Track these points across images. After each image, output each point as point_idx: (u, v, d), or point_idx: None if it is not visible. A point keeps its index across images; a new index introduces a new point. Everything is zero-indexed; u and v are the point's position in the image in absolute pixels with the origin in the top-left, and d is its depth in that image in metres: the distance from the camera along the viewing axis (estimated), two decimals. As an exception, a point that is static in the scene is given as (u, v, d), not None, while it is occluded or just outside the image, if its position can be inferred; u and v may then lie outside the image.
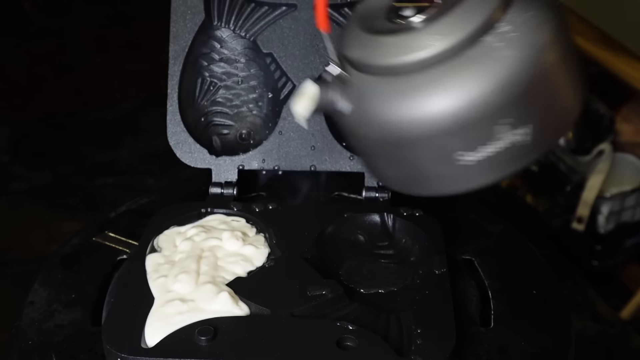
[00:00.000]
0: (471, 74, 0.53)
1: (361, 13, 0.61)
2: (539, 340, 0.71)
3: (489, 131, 0.53)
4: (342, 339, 0.65)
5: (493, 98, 0.52)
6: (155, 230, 0.79)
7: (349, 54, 0.59)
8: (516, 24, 0.53)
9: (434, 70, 0.54)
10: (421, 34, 0.54)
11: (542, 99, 0.53)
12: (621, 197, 1.76)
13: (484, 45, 0.53)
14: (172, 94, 0.86)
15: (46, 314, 0.74)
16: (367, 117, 0.57)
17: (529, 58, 0.52)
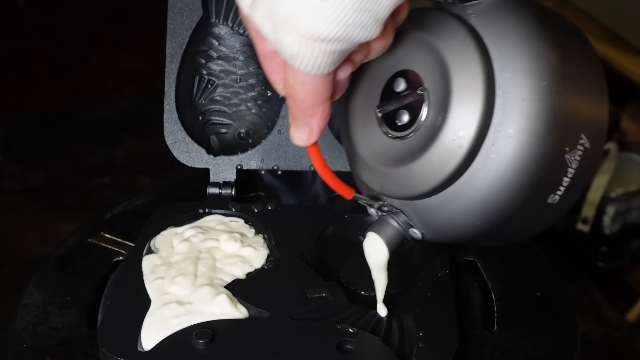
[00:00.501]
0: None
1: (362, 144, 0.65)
2: (543, 343, 0.71)
3: (563, 165, 0.57)
4: (343, 342, 0.65)
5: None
6: (152, 231, 0.79)
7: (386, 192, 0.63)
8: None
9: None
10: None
11: (578, 115, 0.58)
12: (627, 198, 1.76)
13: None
14: (169, 92, 0.86)
15: (41, 317, 0.74)
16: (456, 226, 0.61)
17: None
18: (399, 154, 0.61)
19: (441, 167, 0.58)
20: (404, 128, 0.61)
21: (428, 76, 0.59)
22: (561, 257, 1.85)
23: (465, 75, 0.57)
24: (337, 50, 0.53)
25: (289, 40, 0.52)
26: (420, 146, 0.59)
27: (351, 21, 0.51)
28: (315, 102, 0.57)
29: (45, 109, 2.48)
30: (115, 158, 2.26)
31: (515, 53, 0.56)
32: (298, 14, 0.51)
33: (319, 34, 0.52)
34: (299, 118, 0.59)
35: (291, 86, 0.57)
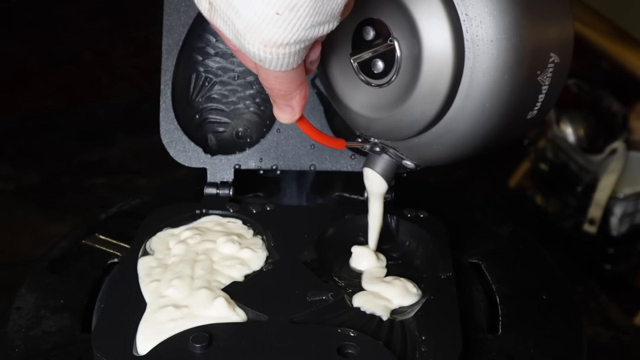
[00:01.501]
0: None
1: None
2: (549, 347, 0.71)
3: (537, 86, 0.62)
4: (343, 347, 0.65)
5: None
6: (147, 232, 0.79)
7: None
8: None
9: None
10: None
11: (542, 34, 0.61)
12: (635, 198, 1.76)
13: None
14: (165, 90, 0.87)
15: (34, 320, 0.74)
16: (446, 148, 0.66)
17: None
18: (382, 101, 0.65)
19: (423, 112, 0.62)
20: (380, 76, 0.64)
21: (395, 26, 0.62)
22: (567, 259, 1.85)
23: (431, 24, 0.59)
24: (301, 48, 0.57)
25: (253, 49, 0.56)
26: (401, 94, 0.63)
27: (309, 24, 0.55)
28: (292, 88, 0.62)
29: (38, 107, 2.48)
30: (110, 157, 2.26)
31: (480, 5, 0.58)
32: (257, 26, 0.54)
33: (281, 42, 0.55)
34: (279, 103, 0.64)
35: (265, 79, 0.61)
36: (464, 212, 0.88)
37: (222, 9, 0.56)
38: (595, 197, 1.78)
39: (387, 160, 0.71)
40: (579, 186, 1.85)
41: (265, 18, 0.54)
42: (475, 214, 0.88)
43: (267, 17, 0.54)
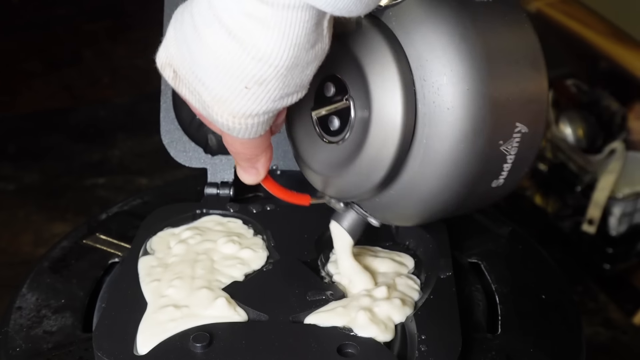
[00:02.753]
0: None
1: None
2: (548, 347, 0.71)
3: (500, 155, 0.59)
4: (343, 346, 0.65)
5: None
6: (148, 232, 0.79)
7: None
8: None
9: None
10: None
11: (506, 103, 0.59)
12: (634, 198, 1.76)
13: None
14: (165, 90, 0.86)
15: (35, 320, 0.74)
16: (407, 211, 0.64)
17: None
18: (334, 160, 0.64)
19: (370, 174, 0.61)
20: (335, 133, 0.63)
21: (352, 84, 0.61)
22: (566, 259, 1.85)
23: (384, 87, 0.58)
24: (269, 117, 0.57)
25: (221, 119, 0.56)
26: (350, 154, 0.62)
27: (277, 97, 0.54)
28: (257, 152, 0.62)
29: (39, 107, 2.48)
30: (111, 157, 2.26)
31: (434, 59, 0.57)
32: (225, 99, 0.54)
33: (249, 113, 0.55)
34: (243, 165, 0.64)
35: (231, 144, 0.61)
36: (463, 212, 0.88)
37: (188, 80, 0.56)
38: (594, 197, 1.78)
39: (353, 215, 0.69)
40: (578, 186, 1.85)
41: (234, 91, 0.53)
42: (474, 214, 0.88)
43: (236, 90, 0.53)
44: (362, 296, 0.70)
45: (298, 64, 0.53)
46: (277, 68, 0.52)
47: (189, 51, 0.54)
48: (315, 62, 0.54)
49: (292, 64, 0.52)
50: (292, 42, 0.51)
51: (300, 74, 0.54)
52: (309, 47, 0.52)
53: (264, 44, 0.51)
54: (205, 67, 0.54)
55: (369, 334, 0.66)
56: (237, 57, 0.52)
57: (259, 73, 0.52)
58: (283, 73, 0.53)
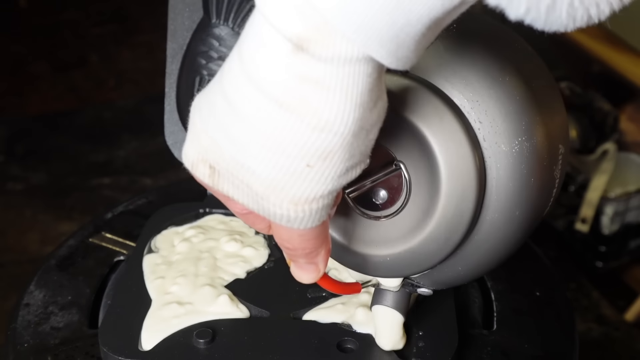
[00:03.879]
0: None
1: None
2: (542, 342, 0.71)
3: (552, 180, 0.56)
4: (343, 342, 0.65)
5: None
6: (152, 230, 0.79)
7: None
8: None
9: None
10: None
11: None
12: (626, 198, 1.76)
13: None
14: (169, 92, 0.86)
15: (42, 316, 0.74)
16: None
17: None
18: (391, 235, 0.56)
19: (448, 236, 0.54)
20: (385, 206, 0.55)
21: (398, 147, 0.54)
22: (560, 257, 1.85)
23: (444, 138, 0.52)
24: (333, 198, 0.47)
25: (280, 210, 0.46)
26: (416, 222, 0.54)
27: (344, 170, 0.45)
28: (317, 244, 0.51)
29: (46, 109, 2.48)
30: (116, 158, 2.26)
31: (486, 98, 0.53)
32: (282, 185, 0.45)
33: (314, 196, 0.45)
34: (301, 262, 0.53)
35: (288, 240, 0.50)
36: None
37: (231, 173, 0.46)
38: (587, 196, 1.78)
39: (399, 293, 0.62)
40: (571, 186, 1.85)
41: (294, 173, 0.44)
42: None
43: (296, 172, 0.44)
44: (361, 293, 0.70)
45: (364, 127, 0.44)
46: (343, 135, 0.43)
47: (229, 137, 0.45)
48: (378, 123, 0.45)
49: (358, 128, 0.43)
50: (357, 102, 0.42)
51: (365, 138, 0.45)
52: (372, 106, 0.44)
53: (325, 109, 0.42)
54: (253, 152, 0.44)
55: (367, 330, 0.66)
56: (294, 130, 0.43)
57: (323, 145, 0.43)
58: (349, 141, 0.44)
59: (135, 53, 2.76)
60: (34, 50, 2.76)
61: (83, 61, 2.74)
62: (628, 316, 1.73)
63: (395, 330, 0.63)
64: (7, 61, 2.71)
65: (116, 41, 2.85)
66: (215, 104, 0.45)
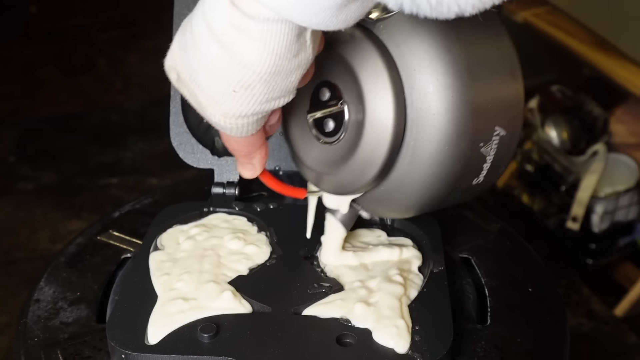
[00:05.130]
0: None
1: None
2: (534, 337, 0.71)
3: (480, 157, 0.61)
4: (342, 336, 0.65)
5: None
6: (158, 229, 0.79)
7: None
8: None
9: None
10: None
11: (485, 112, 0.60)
12: (615, 197, 1.76)
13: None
14: (175, 95, 0.86)
15: (52, 312, 0.74)
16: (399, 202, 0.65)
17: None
18: (329, 158, 0.65)
19: (363, 173, 0.62)
20: (330, 134, 0.64)
21: (347, 90, 0.62)
22: (552, 255, 1.85)
23: (377, 94, 0.59)
24: (258, 118, 0.58)
25: (214, 119, 0.58)
26: (345, 154, 0.63)
27: (264, 100, 0.56)
28: (252, 150, 0.63)
29: (56, 112, 2.48)
30: (123, 159, 2.26)
31: (422, 69, 0.58)
32: (216, 100, 0.56)
33: (239, 114, 0.57)
34: (241, 161, 0.65)
35: (226, 141, 0.62)
36: (455, 210, 0.88)
37: (187, 82, 0.57)
38: (577, 196, 1.78)
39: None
40: (562, 186, 1.85)
41: (224, 94, 0.55)
42: (465, 212, 0.88)
43: (225, 93, 0.55)
44: (359, 288, 0.70)
45: (281, 72, 0.54)
46: (260, 74, 0.53)
47: (188, 57, 0.56)
48: (298, 70, 0.55)
49: (274, 71, 0.54)
50: (273, 52, 0.53)
51: (285, 80, 0.55)
52: (291, 57, 0.54)
53: (247, 53, 0.53)
54: (200, 72, 0.56)
55: (365, 325, 0.66)
56: (225, 63, 0.54)
57: (244, 78, 0.54)
58: (266, 79, 0.54)
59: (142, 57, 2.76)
60: (43, 55, 2.77)
61: (91, 65, 2.74)
62: (617, 311, 1.73)
63: (335, 240, 0.73)
64: (18, 65, 2.71)
65: (123, 46, 2.85)
66: (186, 30, 0.57)
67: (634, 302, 1.70)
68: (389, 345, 0.64)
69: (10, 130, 2.38)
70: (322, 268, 0.74)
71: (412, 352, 0.63)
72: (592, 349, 1.65)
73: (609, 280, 1.83)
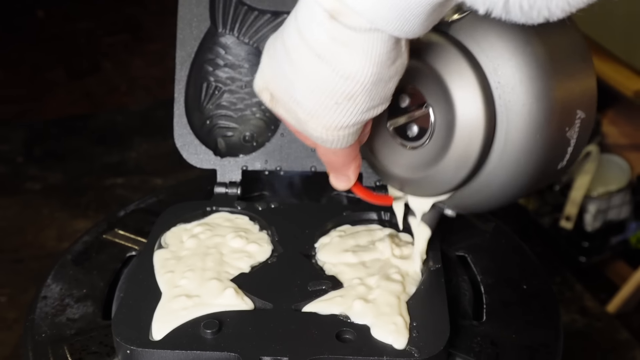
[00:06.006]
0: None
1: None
2: (529, 333, 0.71)
3: (565, 141, 0.61)
4: (341, 332, 0.65)
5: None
6: (162, 227, 0.79)
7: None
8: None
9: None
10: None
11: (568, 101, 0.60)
12: (607, 197, 1.76)
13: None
14: (178, 98, 0.86)
15: (59, 308, 0.74)
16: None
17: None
18: (416, 163, 0.64)
19: (456, 172, 0.62)
20: (415, 139, 0.64)
21: (430, 93, 0.61)
22: (546, 253, 1.85)
23: (464, 92, 0.59)
24: (358, 128, 0.58)
25: (316, 134, 0.57)
26: (434, 156, 0.62)
27: (365, 109, 0.56)
28: (348, 161, 0.63)
29: (63, 114, 2.48)
30: (128, 159, 2.26)
31: (506, 64, 0.58)
32: (318, 114, 0.56)
33: (340, 125, 0.56)
34: (336, 173, 0.65)
35: (324, 155, 0.62)
36: (451, 210, 0.88)
37: (284, 101, 0.57)
38: (571, 195, 1.78)
39: (431, 210, 0.70)
40: (556, 185, 1.85)
41: (326, 107, 0.55)
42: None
43: (328, 106, 0.55)
44: (358, 285, 0.70)
45: (382, 79, 0.54)
46: (363, 84, 0.53)
47: (283, 75, 0.56)
48: (396, 76, 0.55)
49: (376, 80, 0.54)
50: (375, 61, 0.53)
51: (384, 87, 0.55)
52: (390, 64, 0.54)
53: (350, 64, 0.53)
54: (299, 88, 0.55)
55: (364, 321, 0.66)
56: (327, 77, 0.53)
57: (347, 89, 0.54)
58: (368, 88, 0.54)
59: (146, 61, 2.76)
60: (50, 58, 2.76)
61: (97, 68, 2.74)
62: (609, 308, 1.73)
63: (420, 241, 0.73)
64: (25, 68, 2.71)
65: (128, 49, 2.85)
66: (276, 48, 0.56)
67: (626, 299, 1.70)
68: (387, 341, 0.64)
69: (18, 131, 2.38)
70: (322, 266, 0.74)
71: (410, 348, 0.63)
72: (585, 344, 1.65)
73: (601, 277, 1.83)
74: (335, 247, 0.75)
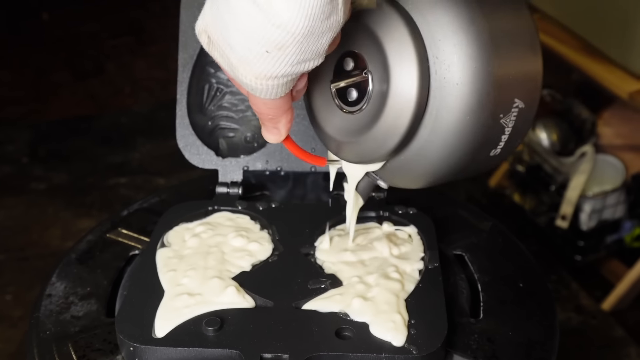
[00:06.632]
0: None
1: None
2: (525, 330, 0.71)
3: (499, 127, 0.60)
4: (341, 329, 0.65)
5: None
6: (165, 227, 0.79)
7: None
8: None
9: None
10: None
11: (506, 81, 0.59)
12: (602, 196, 1.76)
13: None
14: (181, 99, 0.86)
15: (63, 306, 0.74)
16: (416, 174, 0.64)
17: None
18: (351, 127, 0.63)
19: (385, 141, 0.61)
20: (353, 104, 0.63)
21: (371, 60, 0.60)
22: (542, 251, 1.85)
23: (402, 63, 0.58)
24: (288, 80, 0.57)
25: (246, 80, 0.56)
26: (367, 123, 0.62)
27: (295, 61, 0.55)
28: (279, 113, 0.62)
29: (67, 115, 2.48)
30: (132, 160, 2.26)
31: (447, 40, 0.57)
32: (248, 61, 0.55)
33: (270, 75, 0.55)
34: (267, 125, 0.64)
35: (255, 105, 0.61)
36: (449, 209, 0.88)
37: (219, 44, 0.56)
38: (567, 195, 1.78)
39: (364, 179, 0.70)
40: (552, 185, 1.85)
41: (256, 55, 0.54)
42: (459, 211, 0.88)
43: (258, 54, 0.54)
44: (357, 283, 0.70)
45: (313, 32, 0.53)
46: (293, 35, 0.53)
47: (220, 18, 0.55)
48: (329, 32, 0.54)
49: (307, 32, 0.53)
50: (307, 12, 0.52)
51: (316, 42, 0.54)
52: (324, 18, 0.53)
53: (282, 12, 0.52)
54: (233, 32, 0.54)
55: (363, 318, 0.66)
56: (260, 23, 0.53)
57: (278, 39, 0.53)
58: (299, 40, 0.53)
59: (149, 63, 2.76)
60: (55, 60, 2.77)
61: (101, 70, 2.74)
62: (604, 306, 1.73)
63: (350, 209, 0.73)
64: (30, 70, 2.71)
65: (131, 52, 2.85)
66: None
67: (621, 297, 1.71)
68: (385, 339, 0.64)
69: (23, 132, 2.38)
70: (321, 264, 0.74)
71: (408, 345, 0.63)
72: (580, 341, 1.65)
73: (596, 276, 1.83)
74: (335, 246, 0.75)
